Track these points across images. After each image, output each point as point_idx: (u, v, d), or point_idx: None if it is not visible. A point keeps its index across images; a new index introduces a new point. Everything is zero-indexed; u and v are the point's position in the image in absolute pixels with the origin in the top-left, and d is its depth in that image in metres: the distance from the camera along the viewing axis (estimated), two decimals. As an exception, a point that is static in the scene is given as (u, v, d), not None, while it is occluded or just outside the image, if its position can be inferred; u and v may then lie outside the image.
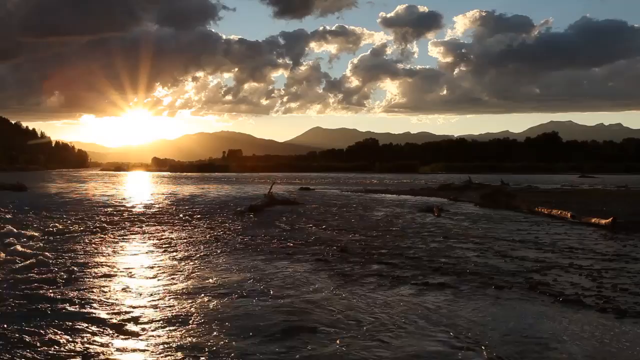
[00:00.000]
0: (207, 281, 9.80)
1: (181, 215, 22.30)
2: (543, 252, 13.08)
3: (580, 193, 39.73)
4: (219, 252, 13.12)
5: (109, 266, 11.24)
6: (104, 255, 12.57)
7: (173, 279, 10.07)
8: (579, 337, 6.74)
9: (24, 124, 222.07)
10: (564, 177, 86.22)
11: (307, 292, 8.96)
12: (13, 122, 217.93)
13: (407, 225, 18.84)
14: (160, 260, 12.01)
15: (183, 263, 11.62)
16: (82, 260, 11.77)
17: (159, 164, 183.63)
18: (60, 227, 17.95)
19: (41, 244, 13.96)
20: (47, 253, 12.63)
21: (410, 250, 13.22)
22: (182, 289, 9.23)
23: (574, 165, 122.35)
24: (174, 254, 12.85)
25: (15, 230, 16.28)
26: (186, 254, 12.83)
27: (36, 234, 15.82)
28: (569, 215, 20.47)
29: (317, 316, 7.55)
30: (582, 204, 26.64)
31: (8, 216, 21.21)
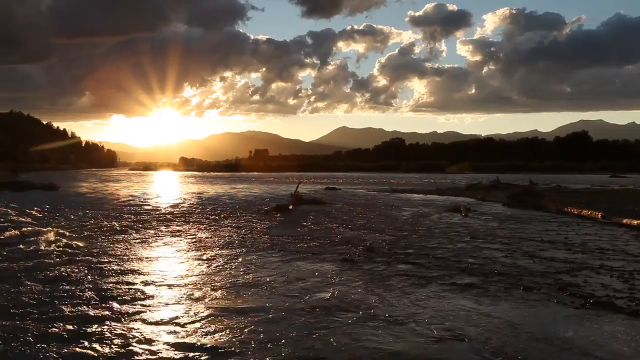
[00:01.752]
0: (234, 280, 9.87)
1: (208, 215, 22.49)
2: (573, 252, 12.89)
3: (611, 193, 38.95)
4: (245, 251, 13.20)
5: (137, 264, 11.41)
6: (132, 253, 12.75)
7: (200, 277, 10.17)
8: (610, 342, 6.62)
9: (55, 124, 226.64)
10: (594, 176, 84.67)
11: (333, 292, 8.97)
12: (44, 122, 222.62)
13: (433, 225, 18.72)
14: (187, 259, 12.15)
15: (210, 262, 11.73)
16: (110, 258, 11.97)
17: (187, 164, 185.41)
18: (90, 225, 18.25)
19: (72, 242, 14.21)
20: (77, 251, 12.92)
21: (437, 251, 13.14)
22: (209, 287, 9.32)
23: (604, 165, 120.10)
24: (201, 252, 12.97)
25: (46, 228, 16.58)
26: (213, 252, 12.95)
27: (67, 233, 16.10)
28: (600, 215, 20.13)
29: (343, 316, 7.55)
30: (613, 204, 26.12)
31: (40, 215, 21.62)
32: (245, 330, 6.95)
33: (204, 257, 12.37)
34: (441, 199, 33.25)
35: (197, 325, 7.18)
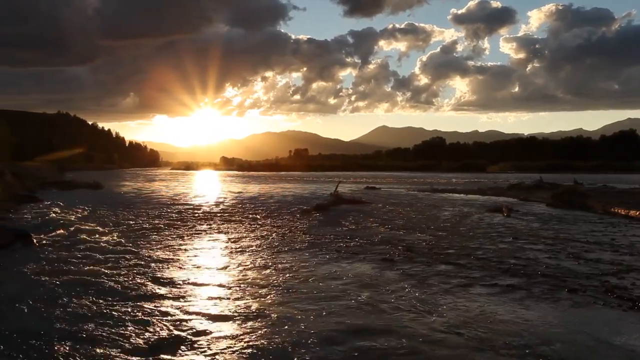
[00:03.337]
0: (274, 279, 9.93)
1: (248, 214, 22.68)
2: (620, 254, 12.54)
3: (660, 193, 37.72)
4: (285, 250, 13.27)
5: (178, 261, 11.60)
6: (174, 251, 12.95)
7: (240, 275, 10.26)
8: (659, 345, 6.42)
9: (100, 125, 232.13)
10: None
11: (373, 292, 8.94)
12: (90, 123, 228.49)
13: (474, 226, 18.47)
14: (227, 258, 12.27)
15: (250, 260, 11.83)
16: (153, 254, 12.18)
17: (227, 163, 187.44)
18: (134, 223, 18.63)
19: (116, 239, 14.53)
20: (121, 247, 13.20)
21: (478, 251, 12.95)
22: (249, 285, 9.40)
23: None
24: (241, 251, 13.09)
25: (92, 226, 16.99)
26: (253, 251, 13.05)
27: (112, 230, 16.47)
28: (648, 216, 19.52)
29: (384, 318, 7.52)
30: (663, 204, 25.30)
31: (85, 213, 22.17)
32: (283, 330, 6.98)
33: (244, 256, 12.49)
34: (482, 198, 32.78)
35: (239, 323, 7.25)
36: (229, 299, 8.51)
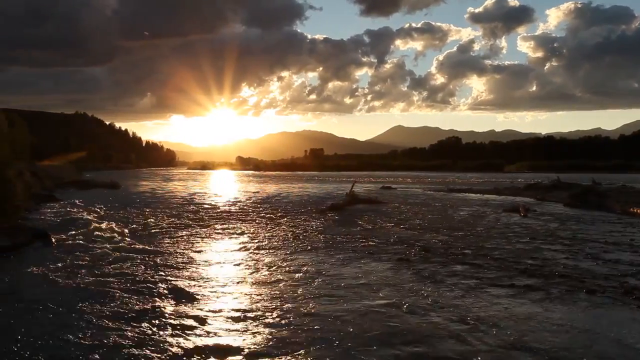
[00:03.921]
0: (290, 279, 9.94)
1: (264, 214, 22.74)
2: (639, 255, 12.40)
3: (680, 193, 37.20)
4: (300, 250, 13.28)
5: (197, 260, 11.66)
6: (192, 251, 13.03)
7: (256, 275, 10.30)
8: (679, 347, 6.34)
9: (117, 125, 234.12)
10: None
11: (389, 293, 8.92)
12: (107, 122, 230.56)
13: (491, 225, 18.36)
14: (243, 257, 12.32)
15: (266, 260, 11.86)
16: (170, 254, 12.27)
17: (243, 163, 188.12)
18: (150, 222, 18.76)
19: (134, 239, 14.65)
20: (139, 247, 13.31)
21: (495, 251, 12.87)
22: (266, 285, 9.43)
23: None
24: (257, 251, 13.13)
25: (110, 225, 17.14)
26: (269, 251, 13.09)
27: (129, 229, 16.60)
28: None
29: (401, 319, 7.50)
30: (683, 205, 24.96)
31: (103, 212, 22.36)
32: (300, 331, 6.99)
33: (259, 256, 12.53)
34: (499, 198, 32.59)
35: (255, 322, 7.27)
36: (243, 299, 8.55)
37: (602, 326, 7.15)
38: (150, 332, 6.88)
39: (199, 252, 13.01)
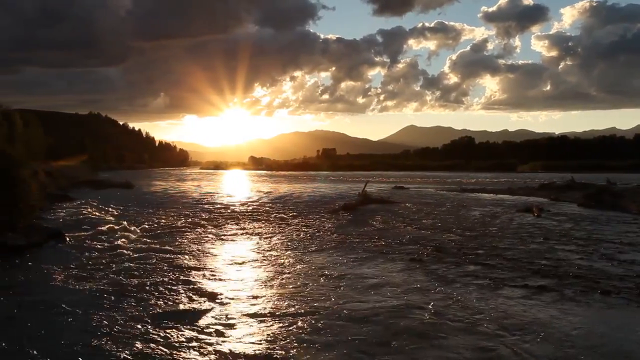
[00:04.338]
0: (303, 278, 9.97)
1: (276, 213, 22.78)
2: (655, 256, 12.29)
3: (696, 193, 36.77)
4: (313, 249, 13.30)
5: (210, 260, 11.73)
6: (206, 250, 13.10)
7: (274, 276, 10.34)
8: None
9: (131, 125, 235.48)
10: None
11: (402, 293, 8.92)
12: (121, 123, 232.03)
13: (504, 226, 18.26)
14: (259, 258, 12.36)
15: (282, 261, 11.89)
16: (184, 253, 12.34)
17: (256, 163, 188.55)
18: (164, 222, 18.87)
19: (147, 238, 14.74)
20: (153, 246, 13.41)
21: (508, 252, 12.81)
22: (278, 285, 9.46)
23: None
24: (273, 251, 13.17)
25: (124, 224, 17.24)
26: (284, 252, 13.12)
27: (143, 229, 16.70)
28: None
29: (413, 319, 7.49)
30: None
31: (117, 212, 22.53)
32: (316, 329, 7.01)
33: (275, 256, 12.56)
34: (512, 198, 32.40)
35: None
36: (261, 297, 8.60)
37: (616, 327, 7.09)
38: (172, 334, 6.90)
39: (215, 252, 13.08)
